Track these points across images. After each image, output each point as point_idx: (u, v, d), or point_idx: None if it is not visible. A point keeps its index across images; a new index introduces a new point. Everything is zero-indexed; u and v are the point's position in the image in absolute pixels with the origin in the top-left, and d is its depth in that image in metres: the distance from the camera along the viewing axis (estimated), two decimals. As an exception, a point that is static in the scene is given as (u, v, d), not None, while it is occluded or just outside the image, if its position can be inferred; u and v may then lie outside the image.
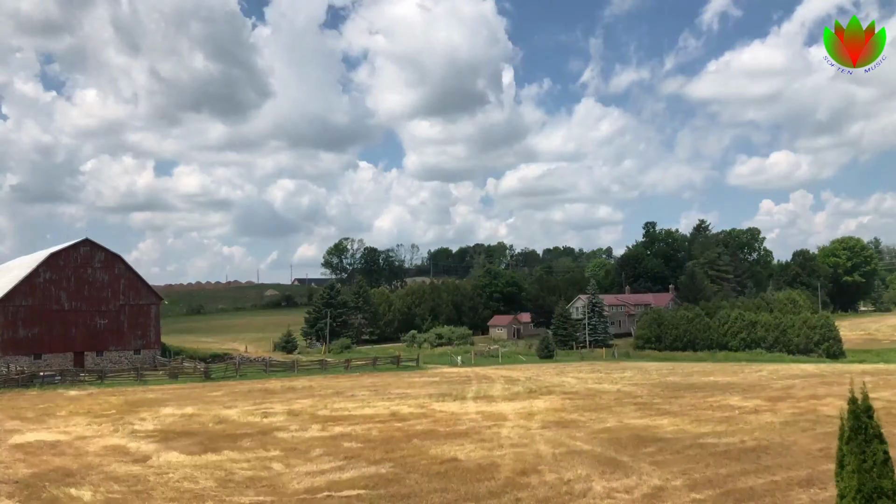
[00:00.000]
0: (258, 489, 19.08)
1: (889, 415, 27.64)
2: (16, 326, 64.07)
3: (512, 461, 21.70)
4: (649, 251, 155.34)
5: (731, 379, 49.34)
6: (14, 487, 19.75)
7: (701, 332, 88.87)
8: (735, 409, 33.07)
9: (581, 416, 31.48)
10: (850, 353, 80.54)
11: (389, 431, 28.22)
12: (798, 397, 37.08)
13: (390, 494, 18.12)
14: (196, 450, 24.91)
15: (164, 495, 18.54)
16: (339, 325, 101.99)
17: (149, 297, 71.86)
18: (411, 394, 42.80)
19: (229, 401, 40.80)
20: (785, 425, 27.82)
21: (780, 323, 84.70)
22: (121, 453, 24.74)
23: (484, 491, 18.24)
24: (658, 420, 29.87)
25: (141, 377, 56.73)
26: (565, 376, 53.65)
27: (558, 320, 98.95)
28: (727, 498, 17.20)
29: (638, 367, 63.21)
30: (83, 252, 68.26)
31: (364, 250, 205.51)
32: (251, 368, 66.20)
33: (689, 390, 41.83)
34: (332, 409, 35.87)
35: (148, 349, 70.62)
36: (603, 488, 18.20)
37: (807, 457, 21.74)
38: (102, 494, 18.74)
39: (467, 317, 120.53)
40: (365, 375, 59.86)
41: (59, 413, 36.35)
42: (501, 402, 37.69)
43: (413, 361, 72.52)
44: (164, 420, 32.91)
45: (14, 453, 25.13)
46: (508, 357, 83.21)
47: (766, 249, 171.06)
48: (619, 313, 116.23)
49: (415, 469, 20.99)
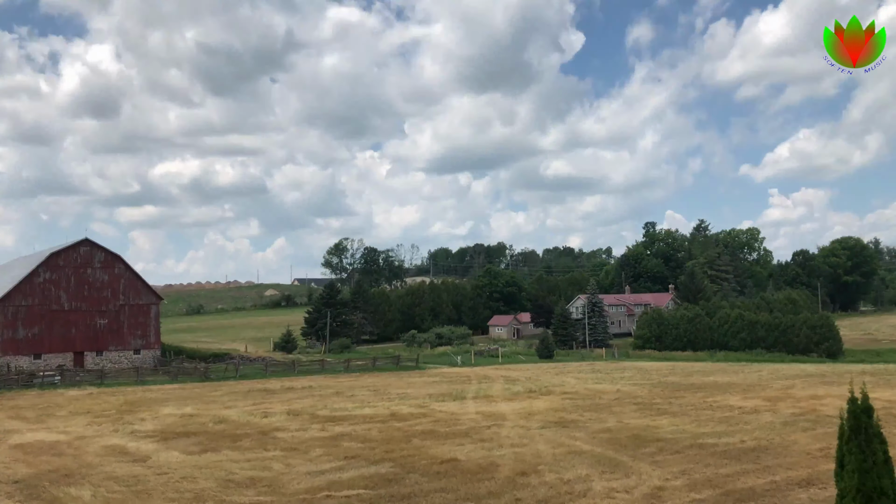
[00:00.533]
0: (258, 489, 19.08)
1: (889, 415, 27.66)
2: (16, 326, 64.05)
3: (512, 461, 21.70)
4: (649, 251, 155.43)
5: (731, 379, 49.33)
6: (14, 487, 19.75)
7: (701, 332, 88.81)
8: (735, 409, 33.07)
9: (581, 416, 31.48)
10: (850, 353, 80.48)
11: (389, 431, 28.21)
12: (798, 397, 37.07)
13: (390, 494, 18.12)
14: (196, 450, 24.92)
15: (163, 495, 18.55)
16: (339, 324, 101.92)
17: (149, 297, 71.85)
18: (411, 394, 42.80)
19: (229, 401, 40.79)
20: (785, 425, 27.82)
21: (779, 323, 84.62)
22: (121, 453, 24.75)
23: (484, 491, 18.24)
24: (658, 420, 29.87)
25: (141, 377, 56.73)
26: (565, 376, 53.65)
27: (558, 320, 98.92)
28: (727, 498, 17.20)
29: (638, 367, 63.19)
30: (83, 252, 68.24)
31: (364, 250, 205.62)
32: (251, 368, 66.16)
33: (688, 390, 41.83)
34: (332, 409, 35.87)
35: (148, 349, 70.59)
36: (603, 488, 18.20)
37: (807, 457, 21.74)
38: (102, 494, 18.74)
39: (467, 317, 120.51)
40: (365, 375, 59.85)
41: (59, 413, 36.35)
42: (501, 402, 37.68)
43: (413, 361, 72.46)
44: (164, 420, 32.91)
45: (14, 453, 25.14)
46: (508, 357, 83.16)
47: (765, 249, 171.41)
48: (619, 313, 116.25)
49: (414, 469, 20.99)
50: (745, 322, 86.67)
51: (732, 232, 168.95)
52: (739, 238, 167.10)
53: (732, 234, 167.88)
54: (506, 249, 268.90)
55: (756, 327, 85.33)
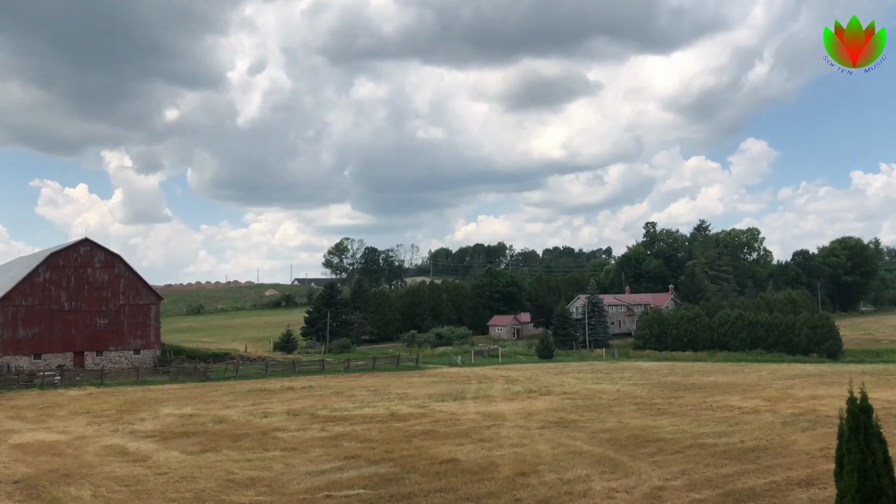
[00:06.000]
0: (258, 489, 19.08)
1: (888, 415, 27.64)
2: (16, 326, 64.03)
3: (511, 461, 21.70)
4: (649, 251, 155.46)
5: (731, 379, 49.32)
6: (14, 487, 19.75)
7: (701, 332, 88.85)
8: (735, 409, 33.07)
9: (581, 416, 31.48)
10: (850, 353, 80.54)
11: (389, 431, 28.20)
12: (798, 397, 37.08)
13: (390, 494, 18.12)
14: (196, 450, 24.91)
15: (163, 495, 18.55)
16: (339, 324, 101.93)
17: (149, 297, 71.83)
18: (411, 394, 42.79)
19: (229, 401, 40.79)
20: (785, 425, 27.83)
21: (779, 323, 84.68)
22: (120, 453, 24.74)
23: (484, 491, 18.23)
24: (658, 420, 29.87)
25: (141, 377, 56.72)
26: (565, 376, 53.64)
27: (558, 320, 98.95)
28: (727, 498, 17.20)
29: (637, 367, 63.19)
30: (83, 252, 68.22)
31: (364, 250, 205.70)
32: (251, 368, 66.14)
33: (688, 390, 41.82)
34: (332, 409, 35.86)
35: (148, 349, 70.57)
36: (603, 488, 18.20)
37: (806, 457, 21.74)
38: (102, 494, 18.74)
39: (467, 317, 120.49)
40: (365, 375, 59.84)
41: (59, 413, 36.34)
42: (501, 402, 37.67)
43: (413, 361, 72.45)
44: (164, 420, 32.90)
45: (14, 453, 25.13)
46: (508, 357, 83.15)
47: (765, 249, 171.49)
48: (619, 313, 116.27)
49: (414, 469, 20.98)
50: (745, 322, 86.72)
51: (732, 232, 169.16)
52: (739, 238, 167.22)
53: (732, 234, 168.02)
54: (506, 249, 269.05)
55: (756, 327, 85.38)
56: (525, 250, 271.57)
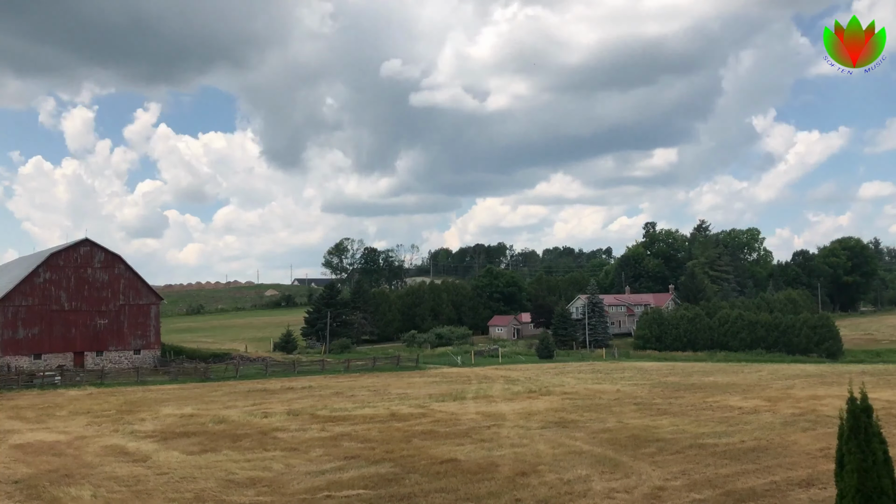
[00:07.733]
0: (258, 489, 19.09)
1: (888, 415, 27.66)
2: (16, 326, 64.03)
3: (512, 461, 21.71)
4: (649, 251, 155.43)
5: (731, 379, 49.32)
6: (14, 487, 19.76)
7: (701, 332, 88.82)
8: (735, 409, 33.08)
9: (581, 416, 31.48)
10: (850, 354, 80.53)
11: (389, 431, 28.21)
12: (798, 397, 37.08)
13: (390, 494, 18.12)
14: (196, 450, 24.92)
15: (164, 495, 18.55)
16: (339, 325, 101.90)
17: (149, 297, 71.83)
18: (411, 394, 42.79)
19: (229, 401, 40.78)
20: (785, 425, 27.83)
21: (779, 323, 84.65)
22: (121, 453, 24.75)
23: (484, 491, 18.24)
24: (658, 420, 29.88)
25: (141, 377, 56.72)
26: (565, 376, 53.64)
27: (558, 320, 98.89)
28: (727, 498, 17.21)
29: (637, 368, 63.17)
30: (83, 252, 68.23)
31: (364, 250, 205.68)
32: (251, 368, 66.12)
33: (688, 390, 41.83)
34: (332, 409, 35.86)
35: (148, 349, 70.57)
36: (603, 488, 18.21)
37: (807, 457, 21.75)
38: (102, 494, 18.75)
39: (467, 317, 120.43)
40: (365, 376, 59.84)
41: (59, 413, 36.35)
42: (501, 402, 37.67)
43: (413, 361, 72.45)
44: (164, 420, 32.91)
45: (14, 453, 25.14)
46: (508, 357, 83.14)
47: (765, 249, 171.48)
48: (619, 313, 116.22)
49: (414, 469, 20.99)
50: (745, 322, 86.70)
51: (732, 232, 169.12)
52: (739, 238, 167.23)
53: (732, 234, 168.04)
54: (506, 249, 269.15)
55: (756, 327, 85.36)
56: (525, 250, 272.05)
